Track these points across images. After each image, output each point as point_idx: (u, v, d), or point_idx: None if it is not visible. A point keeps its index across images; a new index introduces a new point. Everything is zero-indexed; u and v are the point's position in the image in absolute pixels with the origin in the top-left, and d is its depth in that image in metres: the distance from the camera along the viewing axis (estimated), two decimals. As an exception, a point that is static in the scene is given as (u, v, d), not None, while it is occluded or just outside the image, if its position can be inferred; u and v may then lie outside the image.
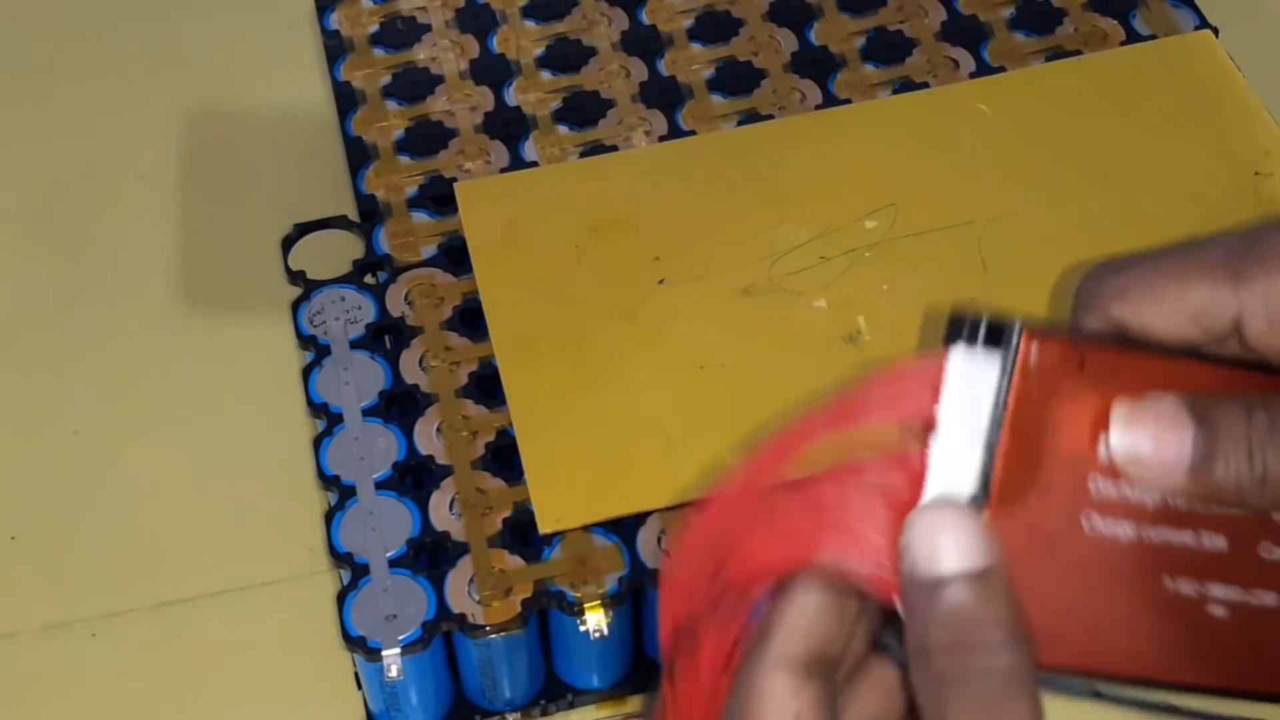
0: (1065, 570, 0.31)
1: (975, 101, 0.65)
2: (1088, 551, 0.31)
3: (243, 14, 0.79)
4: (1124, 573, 0.32)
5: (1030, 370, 0.31)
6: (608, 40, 0.69)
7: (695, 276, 0.59)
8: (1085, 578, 0.32)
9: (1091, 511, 0.31)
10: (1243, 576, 0.32)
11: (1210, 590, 0.32)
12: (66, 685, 0.58)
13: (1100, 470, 0.31)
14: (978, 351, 0.31)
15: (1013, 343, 0.31)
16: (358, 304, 0.60)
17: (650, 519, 0.54)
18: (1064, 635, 0.32)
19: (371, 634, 0.51)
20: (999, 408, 0.31)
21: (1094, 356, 0.31)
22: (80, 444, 0.64)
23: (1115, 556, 0.32)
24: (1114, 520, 0.32)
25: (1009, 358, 0.31)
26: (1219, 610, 0.32)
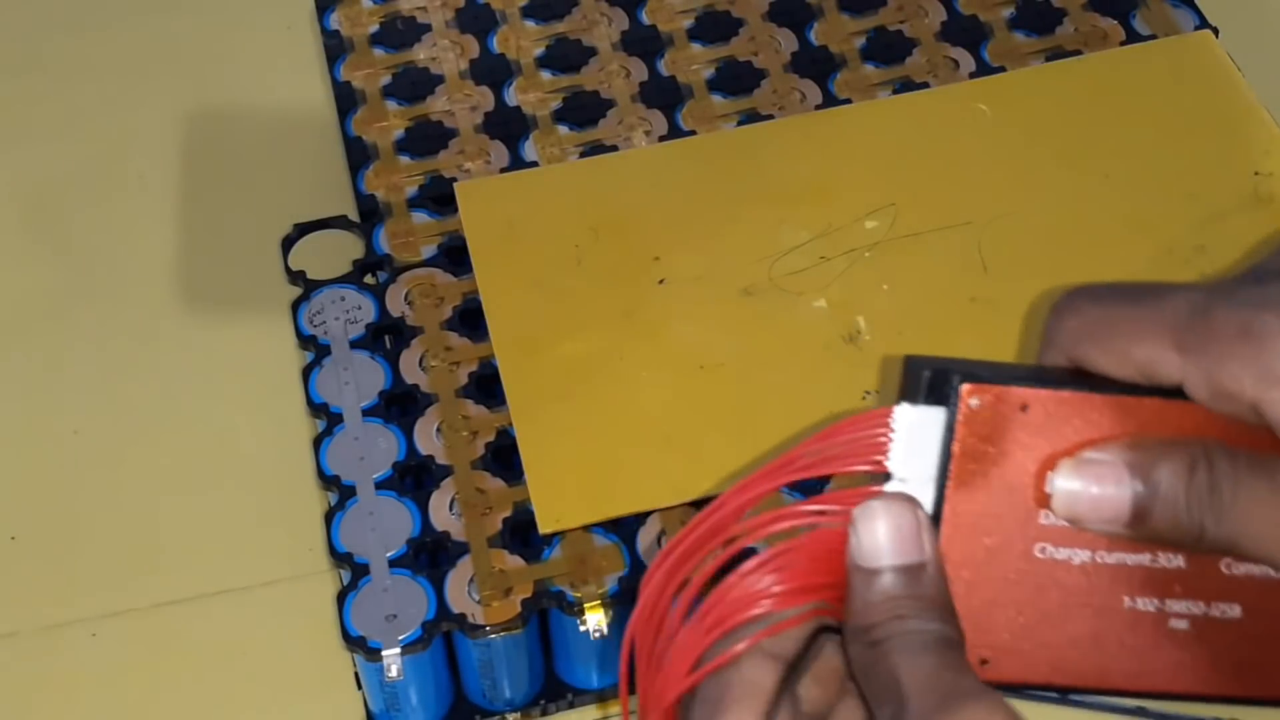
0: (1024, 595, 0.33)
1: (975, 101, 0.65)
2: (1044, 577, 0.33)
3: (243, 14, 0.79)
4: (1082, 594, 0.34)
5: (973, 417, 0.33)
6: (608, 40, 0.69)
7: (695, 276, 0.59)
8: (1044, 600, 0.33)
9: (1044, 541, 0.33)
10: (1204, 591, 0.34)
11: (1170, 606, 0.34)
12: (66, 685, 0.58)
13: (1048, 506, 0.33)
14: (922, 405, 0.33)
15: (952, 396, 0.33)
16: (358, 304, 0.60)
17: (650, 519, 0.54)
18: (1030, 654, 0.34)
19: (371, 634, 0.51)
20: (945, 454, 0.33)
21: (1038, 400, 0.33)
22: (80, 444, 0.64)
23: (1072, 580, 0.33)
24: (1067, 548, 0.33)
25: (951, 409, 0.33)
26: (1180, 624, 0.34)
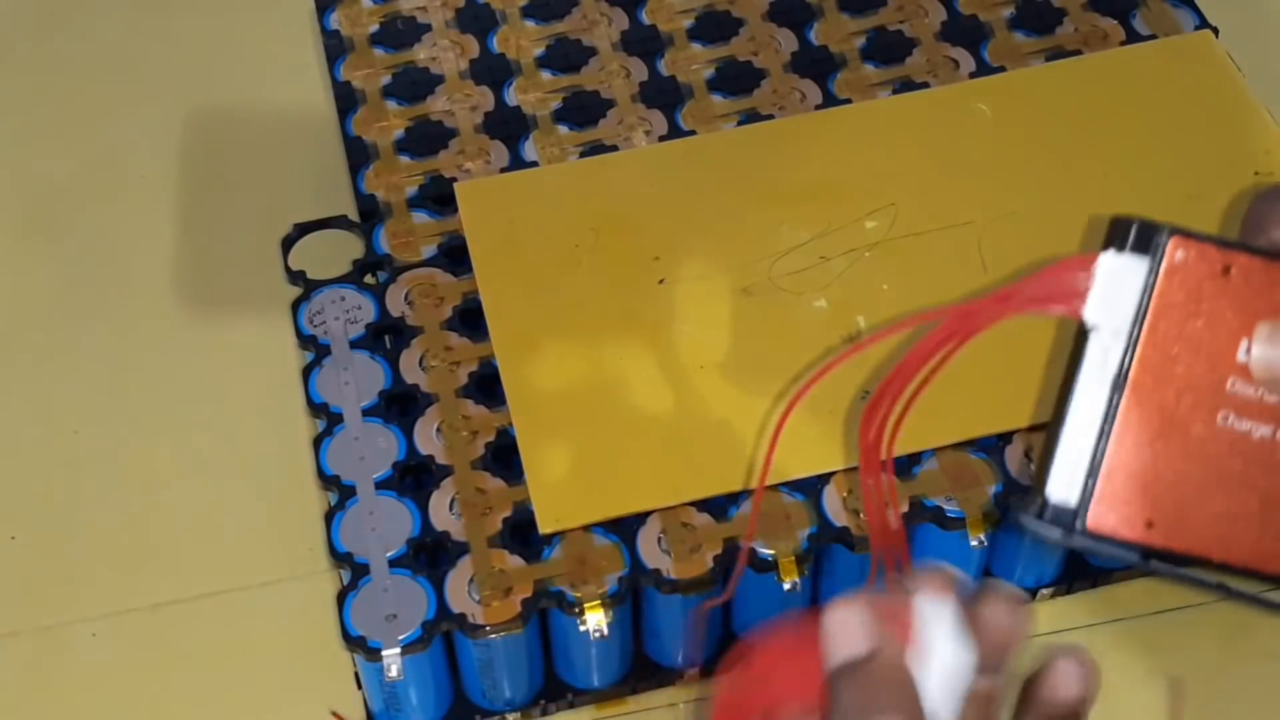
0: (1197, 461, 0.33)
1: (975, 101, 0.65)
2: (1221, 445, 0.33)
3: (243, 14, 0.79)
4: (1258, 469, 0.33)
5: (1176, 272, 0.33)
6: (608, 40, 0.69)
7: (695, 276, 0.59)
8: (1216, 470, 0.33)
9: (1229, 410, 0.33)
10: None
11: None
12: (66, 685, 0.58)
13: (1239, 373, 0.33)
14: (1127, 254, 0.33)
15: (1160, 246, 0.33)
16: (358, 304, 0.60)
17: (650, 519, 0.54)
18: (1196, 524, 0.33)
19: (371, 634, 0.51)
20: (1143, 305, 0.33)
21: (1240, 264, 0.33)
22: (80, 444, 0.64)
23: (1250, 453, 0.33)
24: (1250, 420, 0.33)
25: (1155, 259, 0.33)
26: None
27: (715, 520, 0.54)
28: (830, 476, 0.54)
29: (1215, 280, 0.33)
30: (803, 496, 0.54)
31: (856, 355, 0.39)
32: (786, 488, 0.54)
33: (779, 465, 0.54)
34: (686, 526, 0.53)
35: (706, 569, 0.53)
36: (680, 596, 0.53)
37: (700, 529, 0.53)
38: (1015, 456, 0.55)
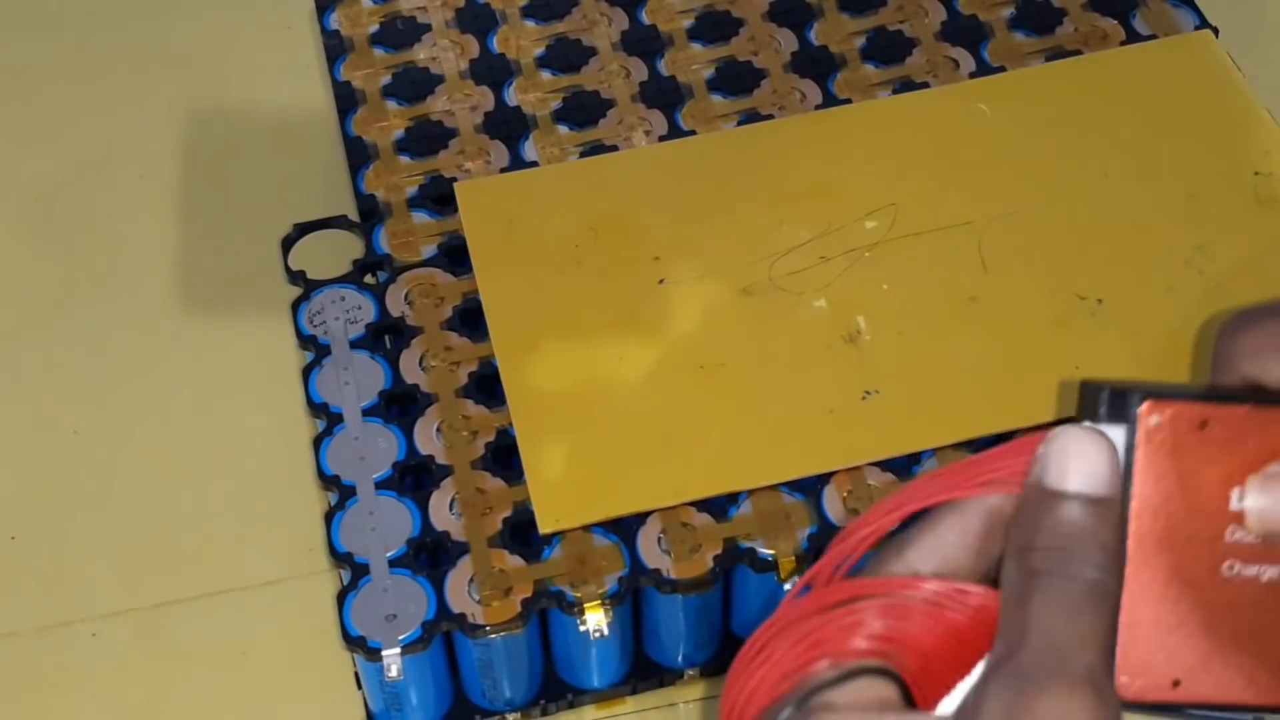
0: (1210, 613, 0.33)
1: (975, 101, 0.65)
2: (1234, 596, 0.33)
3: (243, 14, 0.79)
4: (1270, 610, 0.33)
5: (1154, 436, 0.33)
6: (608, 40, 0.69)
7: (695, 276, 0.59)
8: (1236, 620, 0.33)
9: (1232, 559, 0.33)
10: None
11: None
12: (66, 685, 0.58)
13: (1236, 520, 0.33)
14: (1104, 425, 0.33)
15: (1131, 413, 0.33)
16: (358, 304, 0.60)
17: (650, 519, 0.54)
18: (1223, 674, 0.34)
19: (371, 634, 0.51)
20: (1125, 474, 0.33)
21: (1217, 417, 0.33)
22: (80, 444, 0.64)
23: (1263, 597, 0.33)
24: (1256, 564, 0.33)
25: (1131, 427, 0.33)
26: None
27: (715, 520, 0.54)
28: (830, 476, 0.54)
29: (1194, 435, 0.33)
30: (803, 496, 0.54)
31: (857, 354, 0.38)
32: (786, 488, 0.54)
33: (779, 466, 0.54)
34: (686, 526, 0.53)
35: (706, 569, 0.53)
36: (680, 596, 0.53)
37: (700, 529, 0.53)
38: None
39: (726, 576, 0.55)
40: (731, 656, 0.57)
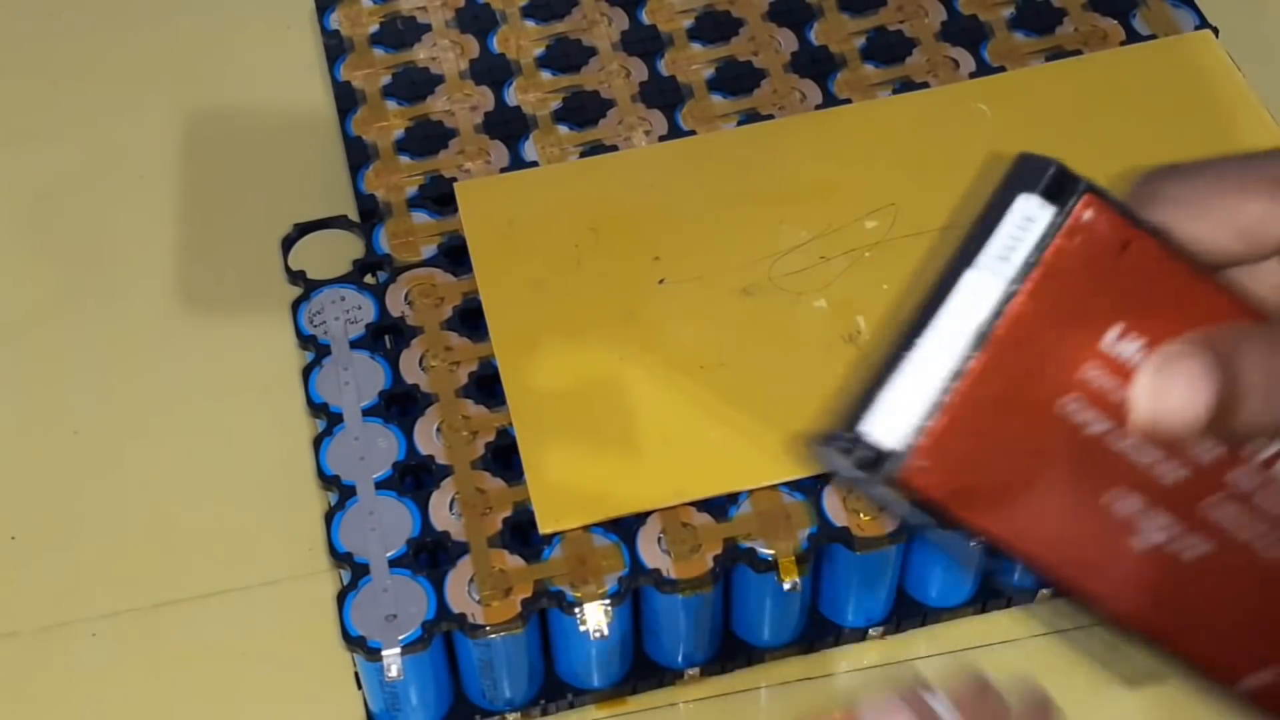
0: (1025, 440, 0.31)
1: (975, 101, 0.65)
2: (1052, 432, 0.31)
3: (243, 14, 0.79)
4: (1074, 467, 0.31)
5: (1077, 233, 0.30)
6: (608, 40, 0.69)
7: (695, 276, 0.59)
8: (1038, 456, 0.31)
9: (1075, 394, 0.31)
10: (1188, 516, 0.32)
11: (1149, 517, 0.32)
12: (66, 685, 0.58)
13: (1099, 360, 0.31)
14: (1036, 197, 0.31)
15: (1072, 199, 0.31)
16: (358, 304, 0.60)
17: (650, 519, 0.54)
18: (1006, 506, 0.31)
19: (371, 634, 0.51)
20: (1033, 258, 0.30)
21: (1140, 244, 0.31)
22: (80, 444, 0.64)
23: (1076, 447, 0.31)
24: (1090, 411, 0.31)
25: (1062, 212, 0.31)
26: (1148, 538, 0.32)
27: (715, 520, 0.54)
28: (830, 476, 0.54)
29: (1111, 253, 0.31)
30: (803, 496, 0.54)
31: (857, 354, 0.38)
32: (786, 488, 0.54)
33: (779, 466, 0.54)
34: (686, 526, 0.53)
35: (706, 569, 0.53)
36: (680, 596, 0.53)
37: (700, 529, 0.53)
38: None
39: (726, 576, 0.55)
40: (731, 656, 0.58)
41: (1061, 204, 0.30)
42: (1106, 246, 0.30)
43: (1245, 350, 0.30)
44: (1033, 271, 0.30)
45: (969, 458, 0.31)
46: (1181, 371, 0.30)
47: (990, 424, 0.30)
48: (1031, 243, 0.30)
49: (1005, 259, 0.30)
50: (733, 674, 0.58)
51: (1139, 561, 0.32)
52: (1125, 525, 0.32)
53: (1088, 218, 0.30)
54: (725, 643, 0.57)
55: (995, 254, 0.30)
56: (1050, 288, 0.30)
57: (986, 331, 0.30)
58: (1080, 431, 0.31)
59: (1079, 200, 0.30)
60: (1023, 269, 0.30)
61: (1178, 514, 0.32)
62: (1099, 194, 0.30)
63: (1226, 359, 0.30)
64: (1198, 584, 0.33)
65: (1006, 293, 0.30)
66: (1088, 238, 0.30)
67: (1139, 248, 0.31)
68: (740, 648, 0.57)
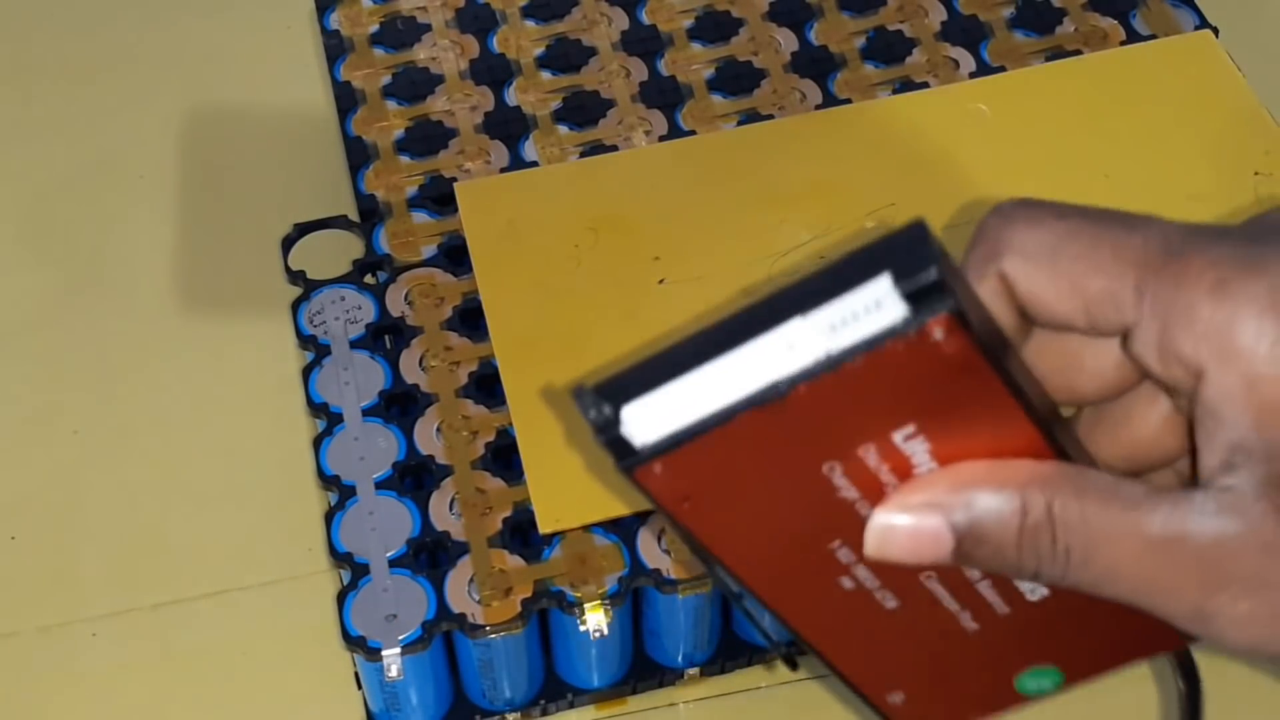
0: (775, 476, 0.30)
1: (975, 101, 0.65)
2: (805, 478, 0.30)
3: (243, 14, 0.79)
4: (811, 511, 0.31)
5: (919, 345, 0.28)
6: (608, 40, 0.69)
7: (695, 276, 0.59)
8: (782, 491, 0.30)
9: (844, 463, 0.30)
10: (890, 580, 0.32)
11: (856, 569, 0.32)
12: (66, 685, 0.58)
13: (882, 445, 0.30)
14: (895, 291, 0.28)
15: (931, 314, 0.27)
16: (358, 304, 0.60)
17: (650, 519, 0.54)
18: (726, 519, 0.31)
19: (371, 634, 0.51)
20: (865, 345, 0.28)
21: (980, 376, 0.29)
22: (80, 444, 0.64)
23: (818, 497, 0.30)
24: (849, 482, 0.30)
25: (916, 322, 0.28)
26: (844, 582, 0.32)
27: (715, 520, 0.53)
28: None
29: (946, 372, 0.28)
30: (803, 496, 0.54)
31: None
32: (786, 488, 0.54)
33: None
34: (686, 526, 0.53)
35: (706, 569, 0.53)
36: (680, 596, 0.53)
37: (700, 529, 0.53)
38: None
39: (726, 576, 0.55)
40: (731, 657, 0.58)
41: (918, 313, 0.27)
42: (944, 366, 0.28)
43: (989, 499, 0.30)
44: (857, 358, 0.28)
45: (711, 477, 0.30)
46: (908, 533, 0.30)
47: (746, 458, 0.29)
48: (870, 330, 0.28)
49: (836, 329, 0.28)
50: (732, 674, 0.58)
51: (835, 596, 0.32)
52: (835, 566, 0.32)
53: (937, 337, 0.27)
54: (725, 643, 0.57)
55: (830, 318, 0.28)
56: (866, 379, 0.28)
57: (783, 390, 0.28)
58: (833, 491, 0.30)
59: (936, 318, 0.27)
60: (848, 351, 0.28)
61: (884, 576, 0.32)
62: (961, 318, 0.27)
63: (967, 528, 0.30)
64: (873, 623, 0.33)
65: (820, 364, 0.28)
66: (928, 354, 0.28)
67: (978, 378, 0.28)
68: (740, 648, 0.57)
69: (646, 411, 0.30)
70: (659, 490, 0.30)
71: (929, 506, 0.30)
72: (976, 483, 0.30)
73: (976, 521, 0.30)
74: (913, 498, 0.30)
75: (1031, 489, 0.30)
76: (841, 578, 0.32)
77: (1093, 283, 0.30)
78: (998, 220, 0.31)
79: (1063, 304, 0.30)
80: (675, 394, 0.29)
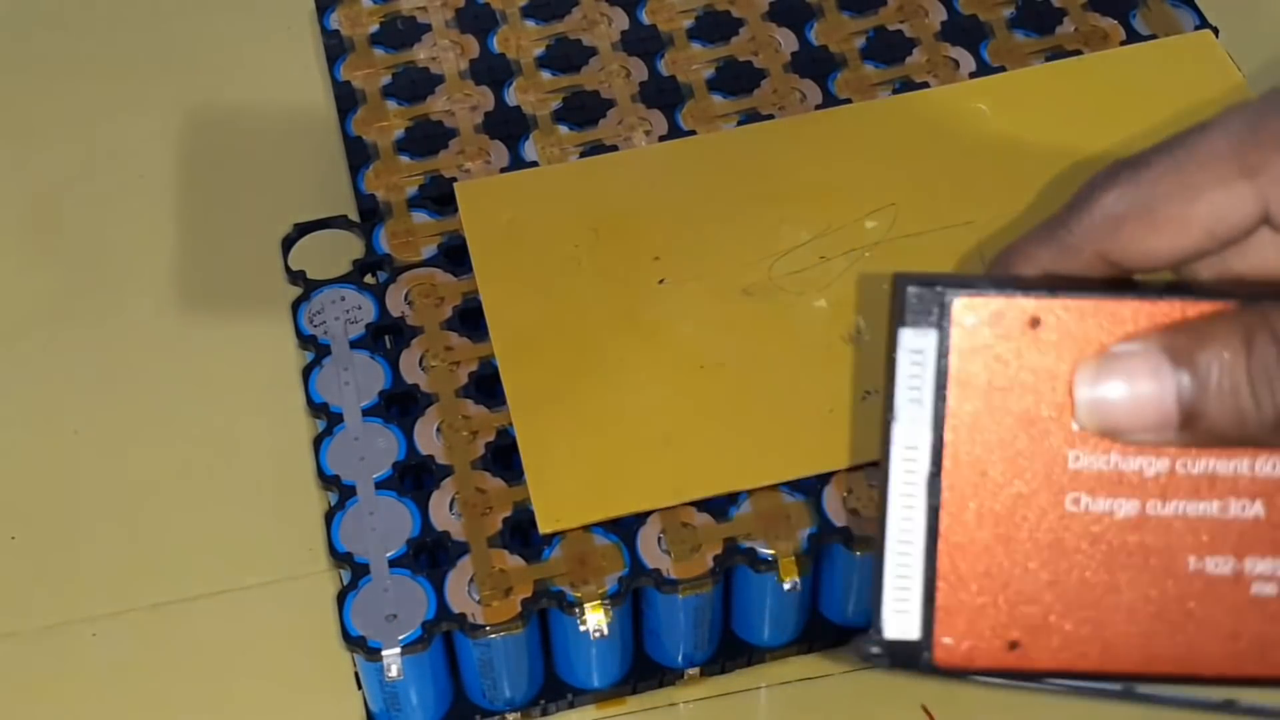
0: (1059, 559, 0.28)
1: (975, 101, 0.65)
2: (1082, 536, 0.28)
3: (243, 14, 0.79)
4: (1133, 556, 0.28)
5: (971, 339, 0.28)
6: (608, 40, 0.69)
7: (695, 276, 0.59)
8: (1085, 566, 0.28)
9: (1078, 490, 0.28)
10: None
11: (1252, 566, 0.28)
12: (66, 685, 0.58)
13: (1079, 442, 0.28)
14: (910, 330, 0.28)
15: (941, 314, 0.28)
16: (358, 304, 0.60)
17: (650, 519, 0.54)
18: (1074, 634, 0.28)
19: (371, 634, 0.51)
20: (939, 387, 0.28)
21: (1052, 311, 0.28)
22: (80, 444, 0.64)
23: (1119, 538, 0.28)
24: (1108, 497, 0.28)
25: (943, 331, 0.28)
26: (1268, 588, 0.28)
27: (715, 520, 0.54)
28: (830, 476, 0.54)
29: (1024, 337, 0.28)
30: (803, 496, 0.54)
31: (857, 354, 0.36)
32: (786, 488, 0.54)
33: (779, 466, 0.54)
34: (686, 526, 0.53)
35: (706, 569, 0.53)
36: (680, 596, 0.53)
37: (700, 529, 0.53)
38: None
39: (726, 576, 0.55)
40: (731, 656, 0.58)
41: (937, 323, 0.28)
42: (1012, 334, 0.28)
43: (1204, 345, 0.27)
44: (947, 400, 0.28)
45: (1000, 613, 0.28)
46: (1125, 371, 0.27)
47: (1002, 566, 0.28)
48: (930, 375, 0.28)
49: (918, 401, 0.28)
50: (733, 674, 0.58)
51: (1273, 614, 0.29)
52: (1233, 586, 0.28)
53: (971, 322, 0.28)
54: (725, 643, 0.57)
55: (906, 399, 0.28)
56: (977, 405, 0.27)
57: (936, 479, 0.28)
58: (1109, 519, 0.28)
59: (949, 311, 0.28)
60: (937, 403, 0.28)
61: None
62: (971, 290, 0.28)
63: (1182, 354, 0.27)
64: None
65: (935, 434, 0.28)
66: (985, 339, 0.28)
67: (1051, 312, 0.28)
68: (740, 648, 0.57)
69: (893, 615, 0.29)
70: (971, 656, 0.28)
71: (1146, 363, 0.27)
72: (1187, 332, 0.28)
73: (1200, 364, 0.27)
74: (1126, 361, 0.28)
75: (1246, 318, 0.27)
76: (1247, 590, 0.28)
77: (1202, 207, 0.29)
78: (1078, 210, 0.31)
79: (1181, 244, 0.29)
80: (892, 580, 0.28)
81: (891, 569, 0.28)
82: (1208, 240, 0.29)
